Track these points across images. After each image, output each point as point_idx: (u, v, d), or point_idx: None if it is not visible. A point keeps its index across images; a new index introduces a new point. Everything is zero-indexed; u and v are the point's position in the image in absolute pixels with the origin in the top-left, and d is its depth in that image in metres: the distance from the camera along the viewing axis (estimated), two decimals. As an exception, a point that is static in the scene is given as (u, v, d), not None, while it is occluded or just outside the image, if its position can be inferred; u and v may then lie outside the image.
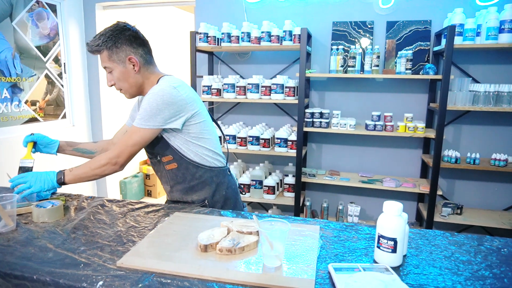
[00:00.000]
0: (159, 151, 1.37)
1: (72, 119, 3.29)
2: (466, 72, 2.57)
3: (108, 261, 0.92)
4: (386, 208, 0.93)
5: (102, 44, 1.28)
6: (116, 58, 1.30)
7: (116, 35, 1.29)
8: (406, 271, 0.90)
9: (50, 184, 1.26)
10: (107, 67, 1.32)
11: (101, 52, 1.30)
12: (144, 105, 1.27)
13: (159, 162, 1.40)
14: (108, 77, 1.35)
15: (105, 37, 1.27)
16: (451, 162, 2.44)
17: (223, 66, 3.12)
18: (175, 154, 1.35)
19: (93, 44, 1.29)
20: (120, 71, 1.32)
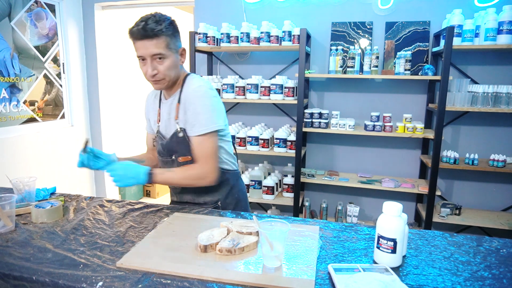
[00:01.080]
0: (179, 150, 1.33)
1: (71, 119, 3.28)
2: (464, 73, 2.57)
3: (107, 261, 0.92)
4: (386, 209, 0.93)
5: (164, 29, 1.21)
6: (173, 47, 1.25)
7: (174, 24, 1.26)
8: (405, 271, 0.91)
9: (137, 181, 1.21)
10: (161, 54, 1.22)
11: (158, 37, 1.20)
12: (198, 110, 1.26)
13: (172, 161, 1.36)
14: (155, 64, 1.24)
15: (166, 23, 1.21)
16: (450, 162, 2.44)
17: (222, 66, 3.12)
18: None
19: (154, 28, 1.18)
20: (172, 61, 1.26)
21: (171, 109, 1.35)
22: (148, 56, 1.22)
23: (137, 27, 1.19)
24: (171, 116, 1.35)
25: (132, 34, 1.21)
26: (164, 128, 1.39)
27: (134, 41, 1.22)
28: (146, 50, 1.20)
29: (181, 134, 1.31)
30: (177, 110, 1.32)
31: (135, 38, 1.21)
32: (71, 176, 3.25)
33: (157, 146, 1.43)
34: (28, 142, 2.82)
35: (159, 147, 1.39)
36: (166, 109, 1.37)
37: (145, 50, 1.21)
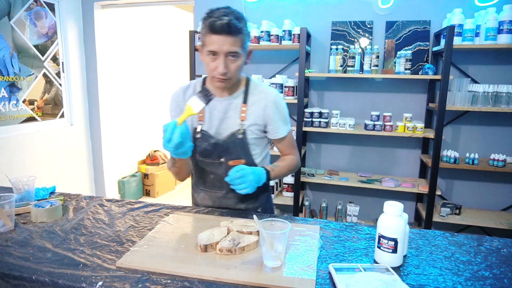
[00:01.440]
0: (233, 152, 1.29)
1: (70, 118, 3.28)
2: (465, 73, 2.57)
3: (107, 261, 0.91)
4: (387, 208, 0.92)
5: (244, 27, 1.16)
6: (246, 46, 1.21)
7: (247, 23, 1.21)
8: (406, 271, 0.90)
9: (261, 183, 1.22)
10: (236, 53, 1.16)
11: (238, 35, 1.14)
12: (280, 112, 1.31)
13: (220, 163, 1.30)
14: (227, 62, 1.17)
15: (245, 23, 1.17)
16: (450, 162, 2.44)
17: (222, 66, 3.10)
18: (249, 158, 1.30)
19: (237, 25, 1.13)
20: (242, 61, 1.21)
21: (230, 109, 1.29)
22: (222, 53, 1.15)
23: (220, 21, 1.11)
24: (228, 116, 1.29)
25: (211, 27, 1.12)
26: (214, 127, 1.31)
27: (210, 34, 1.13)
28: (223, 46, 1.13)
29: (241, 136, 1.27)
30: (244, 111, 1.28)
31: (213, 31, 1.12)
32: (70, 175, 3.25)
33: (198, 146, 1.32)
34: (28, 141, 2.81)
35: (205, 147, 1.30)
36: (219, 107, 1.30)
37: (221, 46, 1.13)
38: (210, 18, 1.13)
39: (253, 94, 1.30)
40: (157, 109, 4.67)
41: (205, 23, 1.15)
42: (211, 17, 1.13)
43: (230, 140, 1.28)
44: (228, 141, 1.28)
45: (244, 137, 1.28)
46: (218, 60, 1.16)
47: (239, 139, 1.28)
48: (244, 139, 1.28)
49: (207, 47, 1.16)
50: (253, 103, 1.29)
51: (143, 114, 4.41)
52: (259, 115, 1.29)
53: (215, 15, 1.13)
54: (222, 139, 1.29)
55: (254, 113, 1.29)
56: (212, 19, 1.12)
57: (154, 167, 4.26)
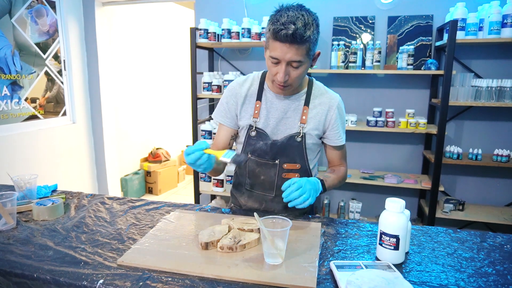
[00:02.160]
0: (290, 155, 1.24)
1: (72, 116, 3.28)
2: (468, 67, 2.54)
3: (108, 259, 0.92)
4: (388, 205, 0.92)
5: (312, 35, 1.07)
6: (312, 53, 1.12)
7: (318, 26, 1.11)
8: (408, 268, 0.90)
9: (318, 192, 1.14)
10: (300, 62, 1.10)
11: (303, 44, 1.06)
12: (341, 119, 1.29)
13: (274, 165, 1.25)
14: (289, 70, 1.11)
15: (314, 28, 1.08)
16: (453, 158, 2.42)
17: (223, 63, 3.10)
18: (304, 163, 1.27)
19: (303, 34, 1.04)
20: (306, 67, 1.14)
21: (289, 109, 1.24)
22: (284, 61, 1.09)
23: (286, 30, 1.03)
24: (288, 116, 1.24)
25: (275, 35, 1.05)
26: (270, 126, 1.25)
27: (274, 40, 1.07)
28: (286, 54, 1.07)
29: (300, 139, 1.23)
30: (305, 113, 1.23)
31: (277, 39, 1.06)
32: (72, 173, 3.26)
33: (252, 145, 1.26)
34: (30, 139, 2.82)
35: (261, 146, 1.24)
36: (278, 105, 1.24)
37: (284, 55, 1.07)
38: (276, 23, 1.05)
39: (316, 97, 1.25)
40: (159, 106, 4.66)
41: (270, 28, 1.08)
42: (277, 22, 1.05)
43: (288, 142, 1.23)
44: (286, 143, 1.23)
45: (303, 141, 1.24)
46: (279, 67, 1.11)
47: (298, 142, 1.23)
48: (302, 142, 1.24)
49: (270, 52, 1.10)
50: (315, 106, 1.24)
51: (145, 112, 4.41)
52: (320, 119, 1.24)
53: (282, 21, 1.04)
54: (280, 140, 1.23)
55: (315, 117, 1.24)
56: (278, 26, 1.04)
57: (156, 165, 4.26)
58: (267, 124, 1.25)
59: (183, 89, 5.05)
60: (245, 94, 1.28)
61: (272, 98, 1.26)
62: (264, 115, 1.25)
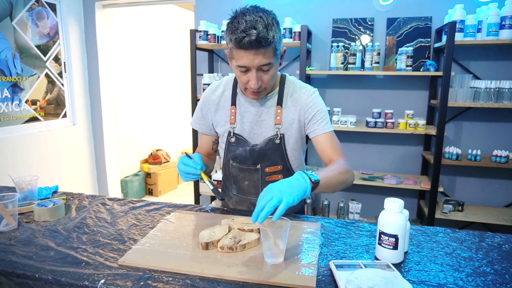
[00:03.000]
0: (271, 158, 1.22)
1: (73, 118, 3.29)
2: (467, 69, 2.56)
3: (109, 259, 0.92)
4: (387, 205, 0.92)
5: (275, 35, 1.03)
6: (278, 52, 1.08)
7: (278, 23, 1.06)
8: (407, 267, 0.90)
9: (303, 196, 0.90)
10: (270, 64, 1.06)
11: (269, 46, 1.02)
12: (319, 108, 1.19)
13: (256, 170, 1.23)
14: (260, 75, 1.08)
15: (275, 26, 1.03)
16: (452, 159, 2.43)
17: (223, 64, 3.11)
18: (286, 163, 1.23)
19: (267, 37, 0.99)
20: (276, 67, 1.10)
21: (262, 111, 1.21)
22: (254, 67, 1.05)
23: (248, 37, 0.98)
24: (262, 119, 1.21)
25: (238, 43, 1.01)
26: (247, 131, 1.23)
27: (238, 49, 1.03)
28: (254, 61, 1.03)
29: (278, 141, 1.20)
30: (279, 113, 1.19)
31: (241, 47, 1.01)
32: (73, 175, 3.27)
33: (232, 151, 1.25)
34: (30, 141, 2.83)
35: (240, 153, 1.23)
36: (251, 109, 1.22)
37: (252, 61, 1.03)
38: (236, 31, 1.00)
39: (289, 95, 1.21)
40: (159, 108, 4.68)
41: (231, 37, 1.03)
42: (237, 30, 1.00)
43: (267, 146, 1.20)
44: (265, 147, 1.20)
45: (282, 142, 1.21)
46: (249, 74, 1.07)
47: (277, 145, 1.20)
48: (282, 144, 1.21)
49: (237, 61, 1.06)
50: (289, 104, 1.20)
51: (145, 113, 4.42)
52: (295, 116, 1.20)
53: (241, 27, 0.99)
54: (259, 145, 1.21)
55: (291, 115, 1.20)
56: (238, 34, 0.99)
57: (156, 166, 4.27)
58: (243, 129, 1.23)
59: (183, 91, 5.06)
60: (218, 100, 1.26)
61: (245, 102, 1.23)
62: (239, 120, 1.23)
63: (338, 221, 1.20)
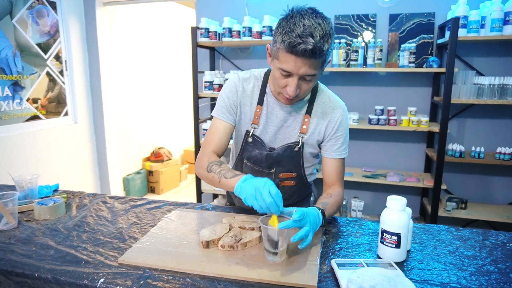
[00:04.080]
0: (286, 165, 1.20)
1: (74, 116, 3.29)
2: (470, 65, 2.53)
3: (109, 258, 0.92)
4: (390, 203, 0.91)
5: (329, 48, 0.97)
6: (325, 64, 1.02)
7: (334, 34, 0.99)
8: (410, 266, 0.89)
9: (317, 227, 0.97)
10: (314, 76, 1.01)
11: (319, 58, 0.96)
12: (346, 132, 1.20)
13: (269, 174, 1.21)
14: (300, 83, 1.03)
15: (331, 39, 0.96)
16: (456, 156, 2.41)
17: (224, 62, 3.10)
18: (300, 171, 1.22)
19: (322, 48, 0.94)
20: (318, 78, 1.05)
21: (290, 117, 1.18)
22: (298, 75, 0.99)
23: (304, 45, 0.92)
24: (287, 125, 1.18)
25: (290, 48, 0.94)
26: (269, 135, 1.19)
27: (287, 53, 0.96)
28: (300, 69, 0.98)
29: (297, 149, 1.18)
30: (306, 122, 1.17)
31: (292, 52, 0.95)
32: (75, 173, 3.27)
33: (248, 151, 1.22)
34: (32, 139, 2.83)
35: (256, 155, 1.20)
36: (278, 113, 1.18)
37: (298, 69, 0.98)
38: (291, 34, 0.93)
39: (319, 105, 1.18)
40: (160, 106, 4.67)
41: (283, 38, 0.95)
42: (292, 33, 0.93)
43: (285, 153, 1.18)
44: (282, 154, 1.18)
45: (301, 151, 1.18)
46: (290, 80, 1.01)
47: (295, 152, 1.18)
48: (300, 152, 1.19)
49: (281, 63, 0.99)
50: (317, 115, 1.17)
51: (147, 111, 4.42)
52: (321, 129, 1.18)
53: (297, 31, 0.92)
54: (277, 151, 1.19)
55: (317, 126, 1.17)
56: (294, 39, 0.92)
57: (158, 164, 4.27)
58: (266, 132, 1.19)
59: (184, 88, 5.06)
60: (251, 93, 1.19)
61: (274, 105, 1.18)
62: (264, 122, 1.19)
63: (340, 219, 1.19)
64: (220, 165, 1.08)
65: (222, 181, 1.04)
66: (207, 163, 1.11)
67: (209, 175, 1.09)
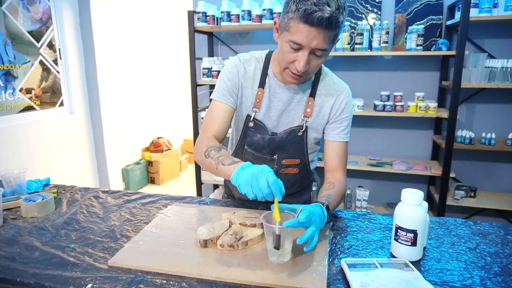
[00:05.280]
0: (289, 150, 1.14)
1: (70, 107, 3.20)
2: (481, 47, 2.41)
3: (99, 259, 0.84)
4: (405, 197, 0.83)
5: (344, 21, 0.93)
6: (336, 41, 0.98)
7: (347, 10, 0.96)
8: (427, 266, 0.82)
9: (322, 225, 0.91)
10: (325, 51, 0.96)
11: (334, 30, 0.92)
12: (350, 115, 1.15)
13: (271, 160, 1.15)
14: (310, 58, 0.96)
15: (345, 13, 0.93)
16: (465, 143, 2.32)
17: (223, 47, 2.98)
18: (303, 158, 1.16)
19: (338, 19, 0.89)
20: (327, 56, 0.99)
21: (293, 100, 1.12)
22: (309, 48, 0.94)
23: (321, 12, 0.87)
24: (290, 108, 1.12)
25: (305, 17, 0.88)
26: (271, 119, 1.13)
27: (300, 22, 0.90)
28: (312, 41, 0.92)
29: (301, 134, 1.12)
30: (310, 106, 1.11)
31: (307, 22, 0.89)
32: (72, 165, 3.20)
33: (249, 137, 1.15)
34: (26, 131, 2.74)
35: (258, 140, 1.13)
36: (282, 96, 1.12)
37: (311, 41, 0.92)
38: (306, 2, 0.88)
39: (323, 87, 1.13)
40: (158, 94, 4.57)
41: (298, 6, 0.90)
42: (307, 1, 0.88)
43: (288, 137, 1.12)
44: (286, 138, 1.12)
45: (305, 135, 1.13)
46: (300, 54, 0.95)
47: (299, 137, 1.13)
48: (303, 137, 1.13)
49: (292, 35, 0.93)
50: (321, 98, 1.12)
51: (145, 100, 4.32)
52: (326, 112, 1.12)
53: (313, 1, 0.87)
54: (279, 135, 1.13)
55: (321, 109, 1.12)
56: (310, 6, 0.87)
57: (158, 154, 4.19)
58: (268, 116, 1.13)
59: (183, 76, 4.94)
60: (251, 75, 1.13)
61: (276, 87, 1.12)
62: (266, 106, 1.12)
63: (348, 212, 1.11)
64: (219, 151, 0.99)
65: (219, 168, 0.95)
66: (205, 148, 1.02)
67: (206, 160, 1.00)
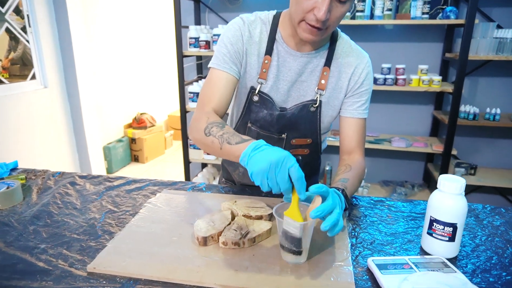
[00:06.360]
0: (300, 129, 0.99)
1: (43, 80, 2.92)
2: (488, 17, 2.27)
3: (75, 264, 0.69)
4: (443, 185, 0.70)
5: None
6: None
7: None
8: (466, 264, 0.70)
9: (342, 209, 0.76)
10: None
11: None
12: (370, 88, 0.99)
13: (280, 140, 1.00)
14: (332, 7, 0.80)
15: None
16: (469, 118, 2.22)
17: (211, 15, 2.74)
18: (316, 138, 1.02)
19: None
20: (347, 10, 0.84)
21: (306, 70, 0.96)
22: None
23: None
24: (302, 79, 0.97)
25: None
26: (280, 92, 0.97)
27: None
28: None
29: (314, 109, 0.97)
30: (325, 76, 0.96)
31: None
32: (48, 144, 2.96)
33: (254, 112, 0.99)
34: (-5, 107, 2.49)
35: (264, 116, 0.98)
36: (292, 65, 0.95)
37: None
38: None
39: (340, 56, 0.97)
40: (141, 67, 4.29)
41: None
42: None
43: (300, 113, 0.97)
44: (297, 114, 0.97)
45: (318, 111, 0.98)
46: (319, 2, 0.79)
47: (312, 113, 0.98)
48: (317, 113, 0.98)
49: None
50: (338, 68, 0.97)
51: (127, 73, 4.04)
52: (343, 84, 0.97)
53: None
54: (290, 111, 0.97)
55: (337, 82, 0.97)
56: None
57: (141, 131, 3.98)
58: (276, 88, 0.97)
59: (167, 47, 4.64)
60: (257, 40, 0.95)
61: (286, 55, 0.95)
62: (274, 76, 0.95)
63: (363, 198, 0.98)
64: (222, 127, 0.82)
65: (224, 148, 0.78)
66: (205, 124, 0.84)
67: (207, 139, 0.82)
